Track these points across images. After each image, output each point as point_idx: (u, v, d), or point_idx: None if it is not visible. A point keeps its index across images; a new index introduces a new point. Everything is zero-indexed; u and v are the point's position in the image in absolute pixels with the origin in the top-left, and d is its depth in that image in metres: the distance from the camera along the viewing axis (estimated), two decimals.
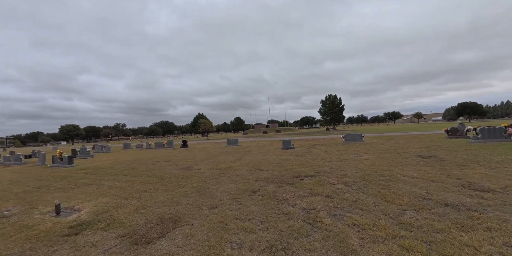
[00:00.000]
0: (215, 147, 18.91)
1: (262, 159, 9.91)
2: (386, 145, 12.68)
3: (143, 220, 3.83)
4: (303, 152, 11.50)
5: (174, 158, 12.85)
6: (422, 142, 12.86)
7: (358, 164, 7.45)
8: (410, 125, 55.90)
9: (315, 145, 15.23)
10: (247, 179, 6.17)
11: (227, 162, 9.83)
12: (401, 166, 6.81)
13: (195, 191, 5.34)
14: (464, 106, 62.99)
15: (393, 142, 13.81)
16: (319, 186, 5.07)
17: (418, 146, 11.16)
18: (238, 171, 7.53)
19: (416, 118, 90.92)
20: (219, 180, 6.31)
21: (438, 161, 7.22)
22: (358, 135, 15.47)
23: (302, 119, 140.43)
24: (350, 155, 9.61)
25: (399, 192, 4.35)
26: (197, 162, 10.29)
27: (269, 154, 11.61)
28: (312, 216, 3.46)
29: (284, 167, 7.70)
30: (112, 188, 6.45)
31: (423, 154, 8.80)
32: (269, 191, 4.93)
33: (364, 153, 9.97)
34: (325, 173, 6.31)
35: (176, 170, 8.48)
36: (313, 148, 13.41)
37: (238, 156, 11.60)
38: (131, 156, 15.68)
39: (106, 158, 15.42)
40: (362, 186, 4.86)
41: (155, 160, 12.21)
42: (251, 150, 14.31)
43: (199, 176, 7.10)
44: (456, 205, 3.67)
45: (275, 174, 6.64)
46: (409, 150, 9.92)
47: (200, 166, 9.07)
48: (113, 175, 8.55)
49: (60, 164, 13.03)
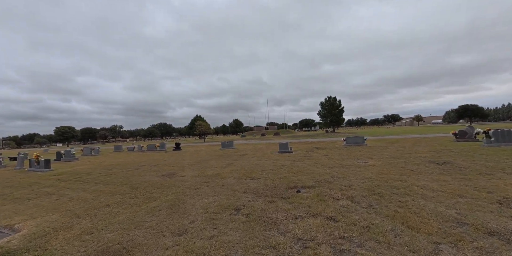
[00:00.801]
0: (209, 150, 17.89)
1: (256, 165, 8.91)
2: (391, 149, 11.70)
3: (80, 253, 2.82)
4: (301, 157, 10.51)
5: (162, 162, 11.82)
6: (429, 146, 11.90)
7: (364, 171, 6.46)
8: (411, 128, 55.08)
9: (314, 148, 14.25)
10: (233, 191, 5.16)
11: (216, 168, 8.82)
12: (414, 174, 5.83)
13: (166, 207, 4.33)
14: (465, 109, 62.23)
15: (398, 146, 12.85)
16: (319, 201, 4.07)
17: (426, 150, 10.19)
18: (226, 179, 6.52)
19: (416, 120, 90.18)
20: (200, 192, 5.30)
21: (456, 169, 6.24)
22: (360, 138, 14.51)
23: (302, 122, 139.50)
24: (353, 160, 8.62)
25: (423, 213, 3.36)
26: (184, 168, 9.28)
27: (264, 159, 10.61)
28: (310, 253, 2.46)
29: (279, 174, 6.70)
30: (72, 200, 5.43)
31: (435, 159, 7.82)
32: (256, 208, 3.92)
33: (368, 158, 8.98)
34: (326, 183, 5.31)
35: (157, 177, 7.47)
36: (312, 152, 12.42)
37: (230, 161, 10.59)
38: (117, 160, 14.64)
39: (91, 162, 14.37)
40: (373, 203, 3.87)
41: (140, 165, 11.17)
42: (246, 154, 13.30)
43: (179, 185, 6.09)
44: (504, 234, 2.69)
45: (267, 184, 5.64)
46: (418, 155, 8.95)
47: (185, 173, 8.06)
48: (85, 182, 7.52)
49: (37, 168, 11.97)
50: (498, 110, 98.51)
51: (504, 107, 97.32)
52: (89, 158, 17.38)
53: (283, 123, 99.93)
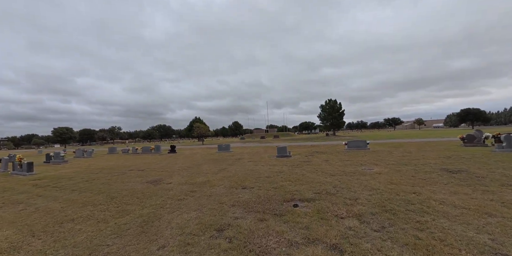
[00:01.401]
0: (205, 153, 17.18)
1: (251, 171, 8.21)
2: (396, 154, 11.00)
3: None
4: (300, 162, 9.80)
5: (152, 166, 11.12)
6: (437, 151, 11.19)
7: (370, 180, 5.76)
8: (412, 132, 54.31)
9: (314, 152, 13.55)
10: (220, 204, 4.46)
11: (208, 173, 8.13)
12: (428, 185, 5.13)
13: (137, 224, 3.63)
14: (467, 112, 61.55)
15: (402, 151, 12.14)
16: (319, 221, 3.37)
17: (435, 156, 9.49)
18: (215, 188, 5.82)
19: (417, 124, 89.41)
20: (182, 204, 4.60)
21: (473, 178, 5.55)
22: (362, 142, 13.81)
23: (302, 124, 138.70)
24: (357, 166, 7.92)
25: (450, 239, 2.67)
26: (173, 173, 8.58)
27: (261, 164, 9.91)
28: None
29: (275, 183, 6.00)
30: (38, 211, 4.74)
31: (447, 166, 7.12)
32: (243, 229, 3.23)
33: (373, 164, 8.28)
34: (328, 195, 4.61)
35: (140, 185, 6.77)
36: (312, 156, 11.71)
37: (225, 166, 9.89)
38: (107, 163, 13.93)
39: (79, 165, 13.66)
40: (387, 224, 3.17)
41: (129, 169, 10.47)
42: (242, 158, 12.60)
43: (161, 195, 5.39)
44: None
45: (260, 195, 4.94)
46: (427, 161, 8.25)
47: (172, 179, 7.36)
48: (61, 189, 6.82)
49: (20, 171, 11.27)
50: (500, 114, 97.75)
51: (506, 111, 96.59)
52: (79, 161, 16.68)
53: (283, 126, 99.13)
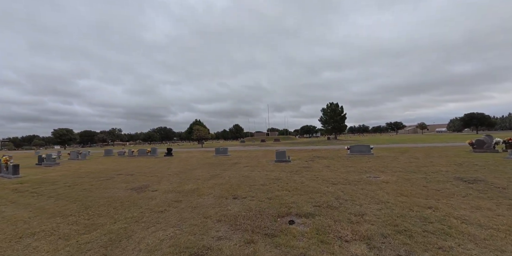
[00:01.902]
0: (201, 157, 16.60)
1: (246, 177, 7.61)
2: (402, 160, 10.35)
3: None
4: (299, 168, 9.19)
5: (143, 170, 10.55)
6: (446, 157, 10.53)
7: (377, 191, 5.13)
8: (415, 136, 53.43)
9: (315, 157, 12.92)
10: (205, 218, 3.87)
11: (199, 180, 7.53)
12: (444, 197, 4.50)
13: (100, 244, 3.04)
14: (471, 117, 60.55)
15: (409, 156, 11.48)
16: (319, 245, 2.76)
17: (445, 163, 8.83)
18: (203, 197, 5.23)
19: (419, 128, 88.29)
20: (161, 217, 4.01)
21: (493, 189, 4.91)
22: (365, 146, 13.17)
23: (303, 128, 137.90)
24: (361, 174, 7.29)
25: None
26: (162, 178, 7.99)
27: (258, 169, 9.31)
28: None
29: (270, 192, 5.39)
30: (2, 221, 4.17)
31: (461, 175, 6.48)
32: (225, 255, 2.63)
33: (379, 171, 7.65)
34: (330, 210, 4.00)
35: (123, 192, 6.18)
36: (313, 161, 11.08)
37: (219, 171, 9.29)
38: (98, 166, 13.39)
39: (70, 168, 13.12)
40: (402, 251, 2.56)
41: (118, 173, 9.90)
42: (239, 162, 12.00)
43: (142, 205, 4.80)
44: None
45: (252, 207, 4.34)
46: (437, 169, 7.61)
47: (159, 186, 6.77)
48: (39, 195, 6.26)
49: (5, 174, 10.75)
50: (505, 119, 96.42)
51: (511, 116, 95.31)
52: (72, 163, 16.15)
53: (284, 129, 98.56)
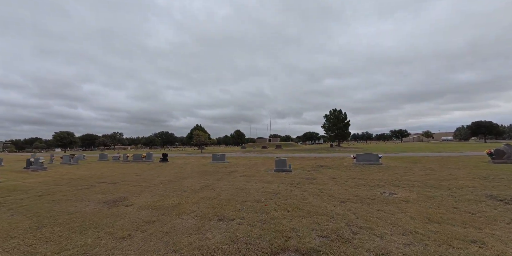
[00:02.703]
0: (197, 164, 15.63)
1: (239, 190, 6.63)
2: (417, 171, 9.28)
3: None
4: (301, 179, 8.18)
5: (129, 178, 9.62)
6: (465, 169, 9.43)
7: (398, 213, 4.12)
8: (422, 145, 51.84)
9: (318, 166, 11.88)
10: (173, 252, 2.90)
11: (186, 192, 6.58)
12: (484, 225, 3.49)
13: None
14: (479, 125, 58.75)
15: (422, 167, 10.40)
16: None
17: (466, 176, 7.77)
18: (182, 217, 4.26)
19: (425, 137, 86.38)
20: (118, 248, 3.05)
21: None
22: (373, 155, 12.12)
23: (305, 135, 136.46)
24: (374, 189, 6.27)
25: None
26: (146, 189, 7.05)
27: (254, 180, 8.32)
28: None
29: (264, 213, 4.41)
30: None
31: (492, 192, 5.44)
32: None
33: (394, 186, 6.61)
34: (341, 244, 3.00)
35: (93, 205, 5.25)
36: (316, 171, 10.06)
37: (211, 181, 8.33)
38: (86, 172, 12.49)
39: (54, 173, 12.24)
40: None
41: (100, 181, 8.99)
42: (235, 171, 11.02)
43: (104, 226, 3.85)
44: None
45: (238, 235, 3.36)
46: (461, 183, 6.55)
47: (138, 198, 5.83)
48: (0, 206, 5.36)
49: None
50: None
51: None
52: (61, 168, 15.29)
53: (286, 136, 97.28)
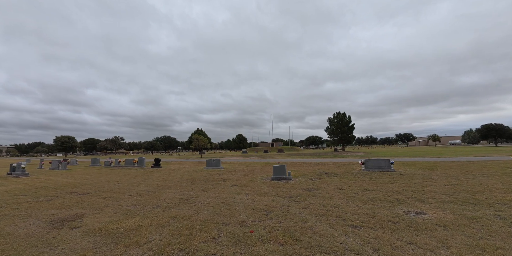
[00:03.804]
0: (190, 170, 14.41)
1: (224, 205, 5.39)
2: (437, 180, 7.92)
3: None
4: (302, 191, 6.90)
5: (106, 187, 8.45)
6: (494, 177, 8.04)
7: (440, 250, 2.83)
8: (429, 149, 49.86)
9: (322, 173, 10.57)
10: None
11: (159, 206, 5.36)
12: None
13: None
14: (489, 129, 56.48)
15: (443, 175, 9.02)
16: None
17: (501, 186, 6.40)
18: (132, 249, 3.04)
19: (432, 140, 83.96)
20: None
21: None
22: (384, 161, 10.76)
23: (308, 139, 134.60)
24: (393, 205, 4.96)
25: None
26: (113, 203, 5.85)
27: (246, 190, 7.07)
28: None
29: (246, 246, 3.17)
30: None
31: None
32: None
33: (417, 200, 5.29)
34: None
35: (36, 225, 4.06)
36: (320, 180, 8.75)
37: (196, 191, 7.11)
38: (68, 179, 11.37)
39: (32, 180, 11.13)
40: None
41: (72, 191, 7.84)
42: (228, 179, 9.77)
43: None
44: None
45: None
46: (500, 197, 5.21)
47: (95, 217, 4.63)
48: None
49: None
50: None
51: None
52: (44, 174, 14.22)
53: (289, 140, 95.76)
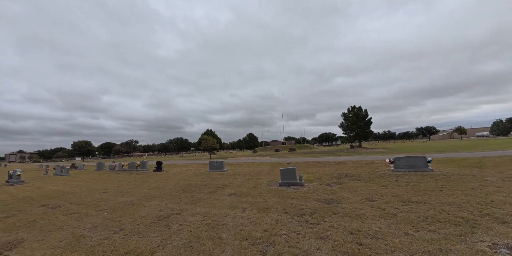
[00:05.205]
0: (190, 174, 13.13)
1: (209, 229, 3.91)
2: (499, 183, 5.97)
3: None
4: (318, 203, 5.27)
5: (88, 197, 7.30)
6: None
7: None
8: (456, 142, 45.59)
9: (341, 176, 8.82)
10: None
11: (123, 230, 3.98)
12: None
13: None
14: None
15: (500, 175, 6.99)
16: None
17: None
18: None
19: (457, 133, 77.80)
20: None
21: None
22: (419, 159, 8.80)
23: (321, 136, 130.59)
24: (464, 232, 3.22)
25: None
26: (72, 223, 4.57)
27: (245, 202, 5.56)
28: None
29: None
30: None
31: None
32: None
33: (496, 220, 3.51)
34: None
35: None
36: (340, 185, 7.05)
37: (183, 204, 5.70)
38: (58, 187, 10.47)
39: (20, 189, 10.33)
40: None
41: (45, 203, 6.73)
42: (228, 185, 8.32)
43: None
44: None
45: None
46: None
47: (33, 247, 3.32)
48: None
49: None
50: None
51: None
52: (40, 181, 13.56)
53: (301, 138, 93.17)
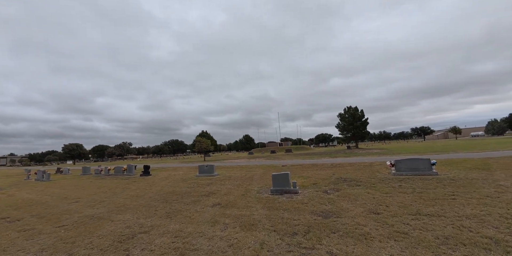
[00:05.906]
0: (177, 179, 12.25)
1: (180, 254, 3.11)
2: None
3: None
4: (313, 217, 4.51)
5: (57, 208, 6.42)
6: None
7: None
8: (452, 142, 45.52)
9: (339, 180, 8.09)
10: None
11: (87, 246, 3.15)
12: None
13: None
14: None
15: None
16: None
17: None
18: None
19: (452, 133, 78.26)
20: None
21: None
22: (422, 161, 8.14)
23: (318, 137, 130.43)
24: None
25: None
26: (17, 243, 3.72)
27: (229, 216, 4.77)
28: None
29: None
30: None
31: None
32: None
33: None
34: None
35: None
36: (338, 192, 6.30)
37: (157, 219, 4.88)
38: (31, 194, 9.50)
39: None
40: None
41: (7, 215, 5.83)
42: (215, 192, 7.50)
43: None
44: None
45: None
46: None
47: None
48: None
49: None
50: None
51: None
52: (18, 188, 12.51)
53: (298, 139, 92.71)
